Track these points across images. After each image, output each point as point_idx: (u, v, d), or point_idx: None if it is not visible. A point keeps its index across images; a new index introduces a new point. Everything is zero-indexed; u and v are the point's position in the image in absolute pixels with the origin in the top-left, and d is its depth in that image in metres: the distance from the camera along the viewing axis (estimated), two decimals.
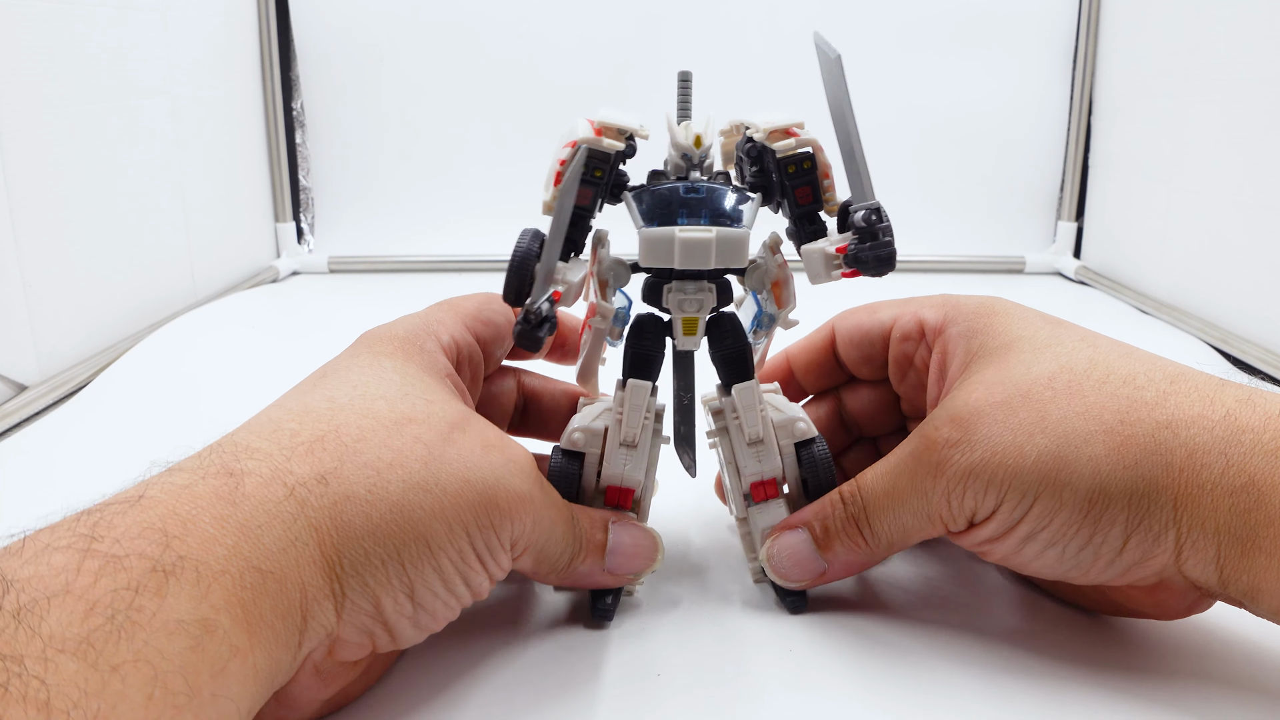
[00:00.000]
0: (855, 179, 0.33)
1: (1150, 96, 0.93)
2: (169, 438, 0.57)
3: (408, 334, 0.35)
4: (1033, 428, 0.32)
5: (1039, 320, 0.36)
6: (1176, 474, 0.30)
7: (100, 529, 0.24)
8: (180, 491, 0.26)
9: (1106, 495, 0.31)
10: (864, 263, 0.33)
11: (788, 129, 0.35)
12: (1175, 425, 0.31)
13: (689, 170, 0.36)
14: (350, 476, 0.28)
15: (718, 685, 0.33)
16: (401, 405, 0.31)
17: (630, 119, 0.35)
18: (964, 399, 0.34)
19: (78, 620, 0.21)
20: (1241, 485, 0.29)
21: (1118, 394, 0.32)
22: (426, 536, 0.29)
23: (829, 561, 0.36)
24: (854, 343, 0.42)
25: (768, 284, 0.38)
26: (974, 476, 0.32)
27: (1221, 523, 0.30)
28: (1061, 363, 0.33)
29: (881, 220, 0.33)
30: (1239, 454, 0.30)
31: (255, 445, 0.28)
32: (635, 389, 0.36)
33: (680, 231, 0.33)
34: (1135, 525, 0.31)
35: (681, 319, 0.36)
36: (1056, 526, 0.31)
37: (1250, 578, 0.30)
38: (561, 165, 0.34)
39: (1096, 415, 0.31)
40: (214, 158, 0.95)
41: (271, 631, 0.25)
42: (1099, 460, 0.31)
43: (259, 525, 0.26)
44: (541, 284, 0.33)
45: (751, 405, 0.37)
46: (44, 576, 0.22)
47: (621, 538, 0.36)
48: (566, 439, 0.38)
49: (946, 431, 0.33)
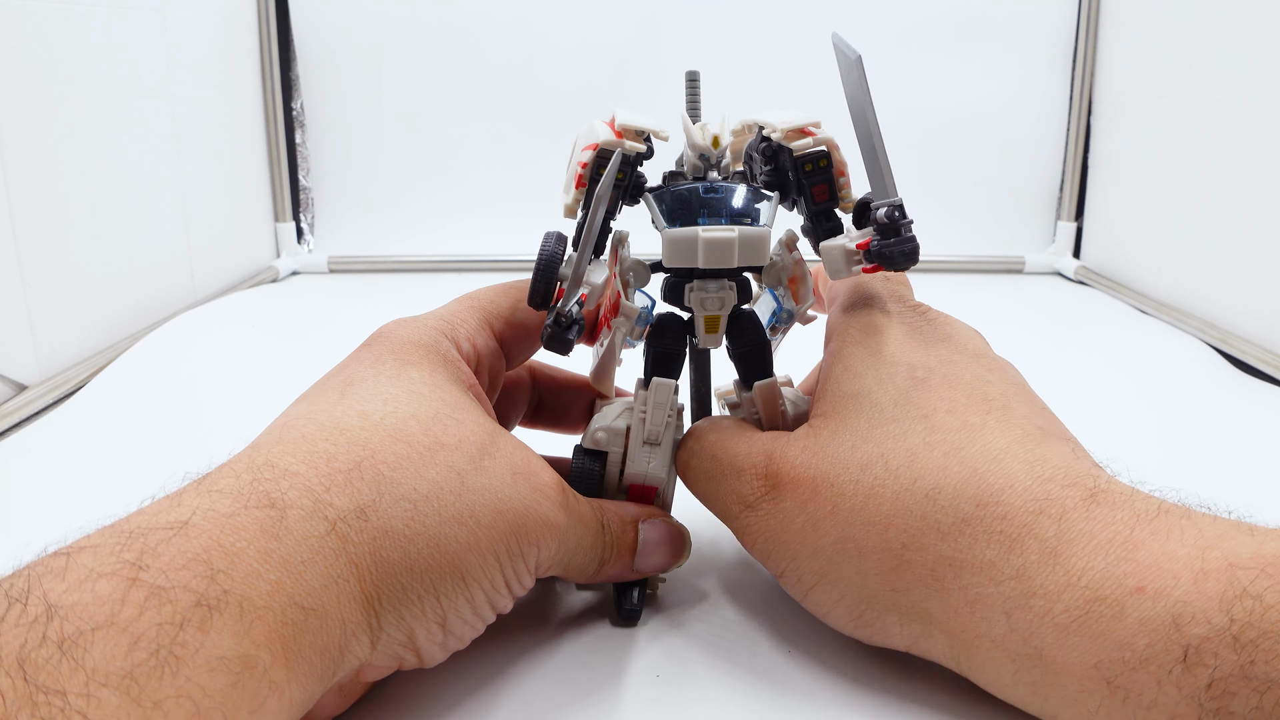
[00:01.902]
0: (877, 176, 0.34)
1: (1150, 96, 0.93)
2: (169, 438, 0.57)
3: (431, 341, 0.35)
4: (821, 521, 0.32)
5: (901, 374, 0.33)
6: (953, 616, 0.29)
7: (146, 557, 0.23)
8: (225, 521, 0.25)
9: (876, 607, 0.31)
10: (888, 258, 0.33)
11: (804, 128, 0.35)
12: (959, 567, 0.28)
13: (706, 171, 0.36)
14: (388, 510, 0.28)
15: (719, 686, 0.33)
16: (434, 428, 0.31)
17: (649, 121, 0.35)
18: (791, 454, 0.34)
19: (122, 654, 0.21)
20: (1027, 656, 0.27)
21: (912, 511, 0.30)
22: (462, 569, 0.29)
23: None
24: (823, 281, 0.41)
25: (785, 281, 0.39)
26: (764, 537, 0.34)
27: (1005, 683, 0.28)
28: (880, 450, 0.31)
29: (904, 216, 0.33)
30: (1024, 621, 0.27)
31: (294, 469, 0.28)
32: (659, 387, 0.37)
33: (704, 231, 0.34)
34: (912, 641, 0.31)
35: (704, 317, 0.36)
36: (835, 616, 0.33)
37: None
38: (583, 168, 0.34)
39: (880, 531, 0.30)
40: (214, 158, 0.95)
41: (309, 667, 0.25)
42: (868, 576, 0.31)
43: (302, 561, 0.26)
44: (572, 287, 0.33)
45: (772, 401, 0.37)
46: (89, 605, 0.22)
47: (651, 535, 0.36)
48: (589, 438, 0.38)
49: (758, 485, 0.34)
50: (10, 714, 0.19)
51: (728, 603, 0.39)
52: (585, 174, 0.34)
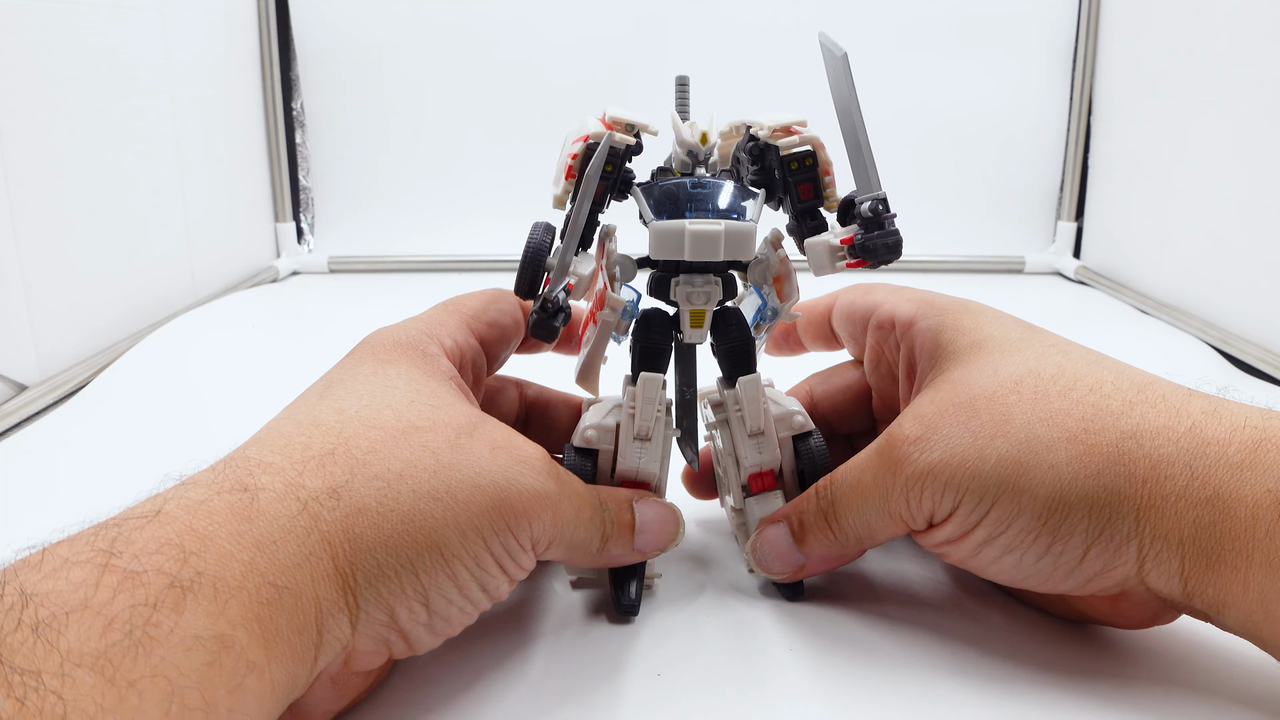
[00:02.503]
0: (861, 171, 0.34)
1: (1150, 96, 0.93)
2: (169, 438, 0.57)
3: (410, 339, 0.35)
4: (994, 431, 0.32)
5: (1011, 323, 0.37)
6: (1140, 485, 0.30)
7: (119, 544, 0.24)
8: (196, 507, 0.26)
9: (1066, 504, 0.31)
10: (871, 251, 0.34)
11: (790, 127, 0.36)
12: (1140, 436, 0.31)
13: (694, 167, 0.37)
14: (361, 489, 0.28)
15: (718, 685, 0.33)
16: (408, 414, 0.31)
17: (639, 115, 0.36)
18: (930, 398, 0.34)
19: (95, 635, 0.21)
20: (1206, 498, 0.29)
21: (1083, 401, 0.32)
22: (440, 545, 0.29)
23: (805, 555, 0.37)
24: (844, 318, 0.42)
25: (770, 279, 0.39)
26: (932, 476, 0.32)
27: (1185, 535, 0.29)
28: (1029, 367, 0.33)
29: (888, 210, 0.34)
30: (1204, 466, 0.30)
31: (268, 460, 0.28)
32: (647, 382, 0.37)
33: (690, 224, 0.34)
34: (1096, 535, 0.30)
35: (689, 311, 0.37)
36: (1014, 533, 0.31)
37: (1215, 591, 0.29)
38: (573, 159, 0.35)
39: (1060, 422, 0.31)
40: (214, 158, 0.95)
41: (288, 646, 0.25)
42: (1060, 468, 0.31)
43: (274, 541, 0.26)
44: (558, 275, 0.34)
45: (755, 398, 0.38)
46: (62, 591, 0.22)
47: (647, 514, 0.37)
48: (580, 436, 0.38)
49: (909, 429, 0.33)
50: None
51: (727, 602, 0.39)
52: (575, 165, 0.35)
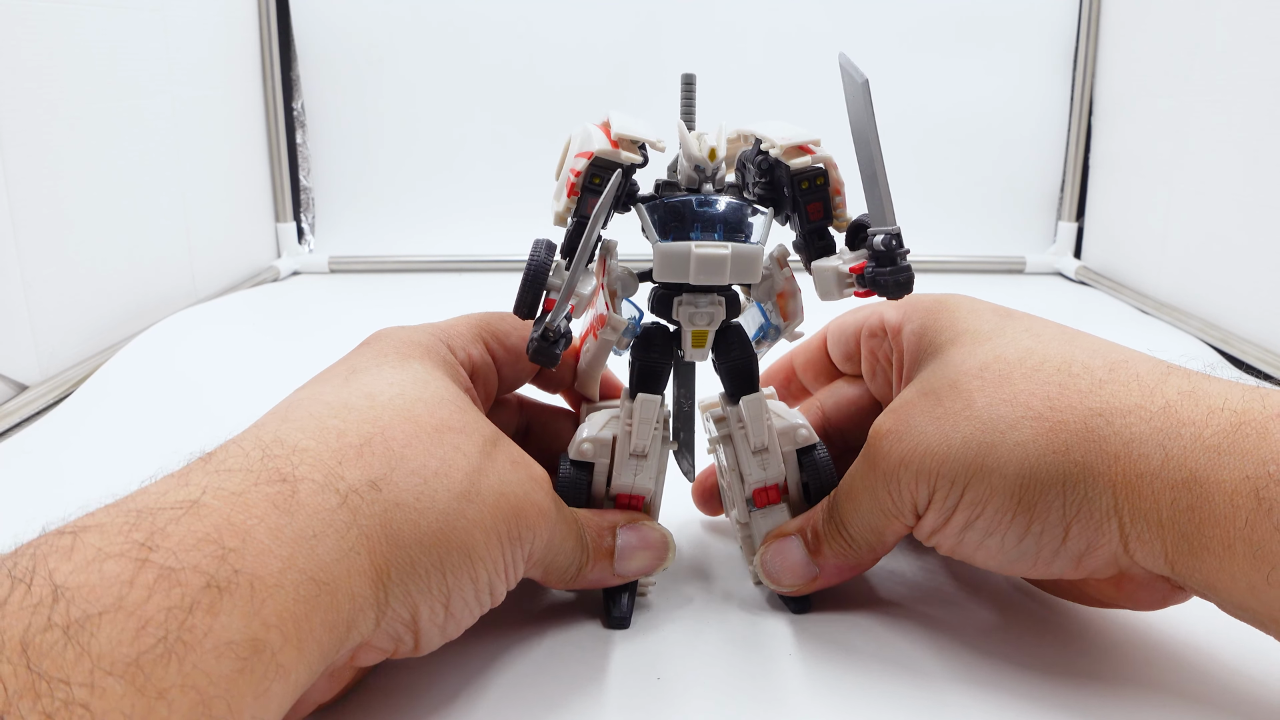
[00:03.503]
0: (876, 203, 0.33)
1: (1150, 96, 0.93)
2: (170, 438, 0.57)
3: (429, 342, 0.35)
4: (958, 416, 0.32)
5: (988, 313, 0.36)
6: (1112, 461, 0.30)
7: (156, 537, 0.23)
8: (235, 499, 0.25)
9: (1037, 480, 0.30)
10: (882, 286, 0.33)
11: (804, 145, 0.35)
12: (1109, 414, 0.30)
13: (700, 183, 0.36)
14: (400, 483, 0.28)
15: (721, 693, 0.33)
16: (440, 412, 0.31)
17: (646, 130, 0.35)
18: (903, 394, 0.35)
19: (129, 640, 0.21)
20: (1182, 480, 0.29)
21: (1049, 381, 0.32)
22: (468, 546, 0.29)
23: (820, 566, 0.37)
24: (836, 340, 0.42)
25: (773, 295, 0.38)
26: (904, 466, 0.33)
27: (1165, 517, 0.29)
28: (996, 353, 0.33)
29: (901, 245, 0.33)
30: (1178, 448, 0.29)
31: (304, 445, 0.28)
32: (645, 403, 0.36)
33: (696, 247, 0.33)
34: (1074, 513, 0.30)
35: (692, 331, 0.36)
36: (990, 515, 0.31)
37: (1203, 576, 0.29)
38: (575, 176, 0.34)
39: (1024, 401, 0.31)
40: (214, 158, 0.95)
41: (318, 646, 0.25)
42: (1026, 445, 0.31)
43: (314, 535, 0.26)
44: (563, 300, 0.33)
45: (759, 416, 0.37)
46: (95, 587, 0.21)
47: (628, 540, 0.36)
48: (575, 449, 0.37)
49: (884, 424, 0.34)
50: (11, 703, 0.19)
51: (727, 607, 0.39)
52: (578, 182, 0.34)
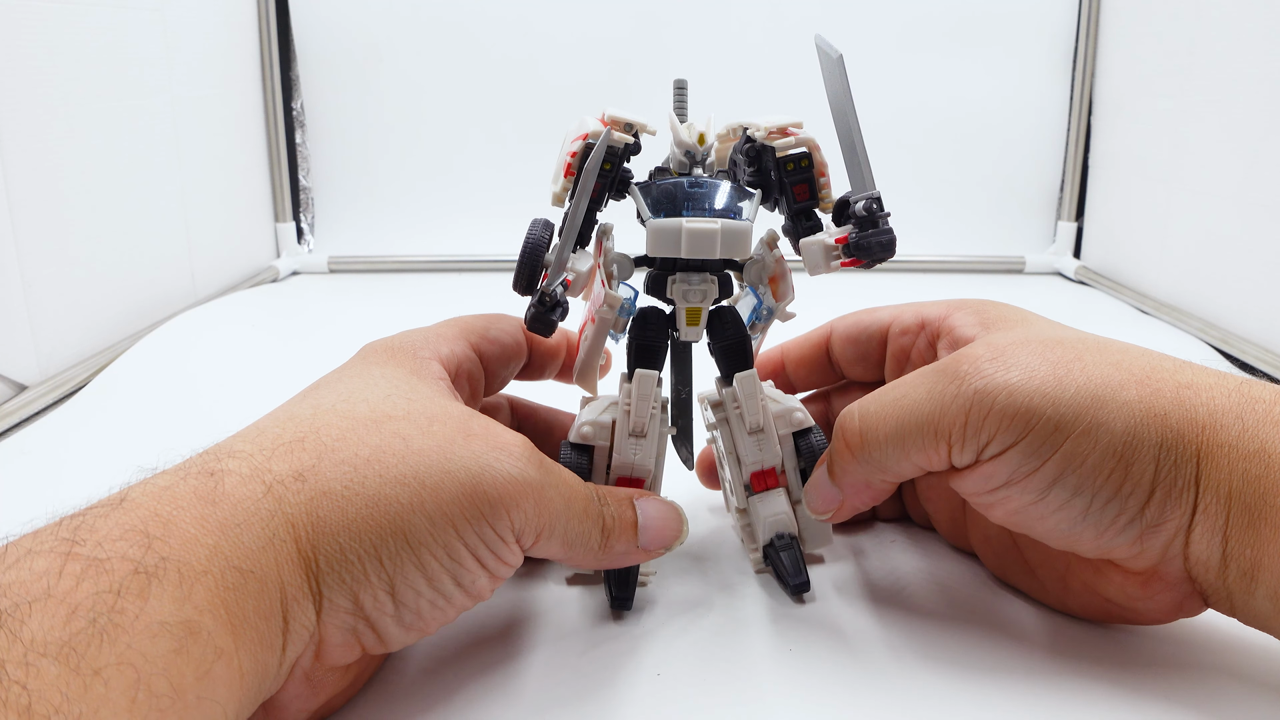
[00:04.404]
0: (856, 171, 0.35)
1: (1150, 96, 0.93)
2: (169, 437, 0.57)
3: (403, 345, 0.36)
4: (1071, 364, 0.32)
5: (1044, 318, 0.38)
6: (1200, 430, 0.31)
7: (82, 533, 0.24)
8: (161, 493, 0.26)
9: (1140, 440, 0.31)
10: (866, 249, 0.34)
11: (786, 128, 0.36)
12: (1196, 387, 0.32)
13: (692, 167, 0.38)
14: (327, 473, 0.28)
15: (718, 685, 0.33)
16: (383, 405, 0.31)
17: (637, 115, 0.37)
18: (994, 337, 0.35)
19: (59, 624, 0.21)
20: (1254, 451, 0.30)
21: (1140, 356, 0.33)
22: (405, 531, 0.28)
23: (840, 487, 0.37)
24: (850, 339, 0.42)
25: (765, 278, 0.40)
26: (1007, 394, 0.31)
27: (1235, 486, 0.30)
28: (1079, 334, 0.35)
29: (882, 209, 0.34)
30: (1254, 420, 0.31)
31: (237, 448, 0.29)
32: (642, 379, 0.37)
33: (687, 222, 0.35)
34: (1162, 478, 0.31)
35: (685, 309, 0.38)
36: (1088, 469, 0.31)
37: (1253, 552, 0.30)
38: (572, 157, 0.36)
39: (1127, 366, 0.32)
40: (214, 158, 0.95)
41: (255, 633, 0.25)
42: (1132, 405, 0.31)
43: (238, 524, 0.26)
44: (556, 270, 0.35)
45: (753, 394, 0.38)
46: (25, 581, 0.22)
47: (650, 511, 0.36)
48: (576, 433, 0.38)
49: (981, 350, 0.33)
50: None
51: (727, 602, 0.39)
52: (574, 163, 0.36)
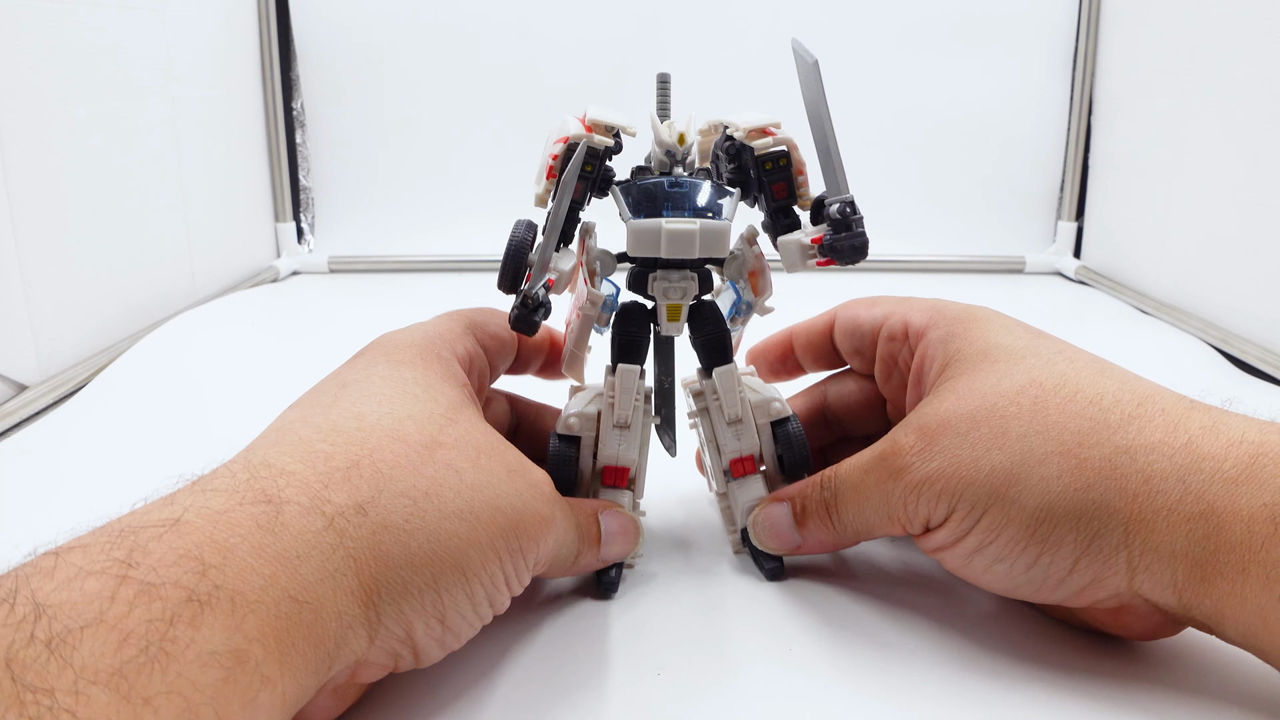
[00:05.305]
0: (830, 174, 0.35)
1: (1150, 96, 0.93)
2: (170, 438, 0.57)
3: (424, 342, 0.36)
4: (991, 443, 0.33)
5: (1019, 330, 0.37)
6: (1130, 499, 0.31)
7: (136, 554, 0.23)
8: (218, 518, 0.25)
9: (1054, 515, 0.31)
10: (839, 252, 0.35)
11: (765, 128, 0.37)
12: (1134, 451, 0.31)
13: (672, 166, 0.38)
14: (388, 506, 0.28)
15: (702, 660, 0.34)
16: (429, 427, 0.31)
17: (618, 117, 0.38)
18: (933, 409, 0.35)
19: (111, 651, 0.21)
20: (1199, 513, 0.30)
21: (1081, 414, 0.32)
22: (462, 564, 0.29)
23: (803, 537, 0.38)
24: (847, 333, 0.43)
25: (745, 274, 0.40)
26: (929, 484, 0.33)
27: (1178, 548, 0.30)
28: (1031, 377, 0.34)
29: (855, 212, 0.35)
30: (1197, 482, 0.30)
31: (291, 469, 0.28)
32: (625, 373, 0.38)
33: (666, 223, 0.36)
34: (1084, 547, 0.31)
35: (666, 305, 0.38)
36: (1003, 542, 0.32)
37: (1212, 603, 0.30)
38: (553, 160, 0.37)
39: (1056, 435, 0.32)
40: (214, 158, 0.95)
41: (302, 659, 0.25)
42: (1050, 481, 0.31)
43: (297, 556, 0.26)
44: (539, 271, 0.35)
45: (731, 387, 0.39)
46: (77, 603, 0.22)
47: (611, 526, 0.38)
48: (562, 424, 0.40)
49: (912, 439, 0.34)
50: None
51: (726, 602, 0.39)
52: (555, 165, 0.37)
